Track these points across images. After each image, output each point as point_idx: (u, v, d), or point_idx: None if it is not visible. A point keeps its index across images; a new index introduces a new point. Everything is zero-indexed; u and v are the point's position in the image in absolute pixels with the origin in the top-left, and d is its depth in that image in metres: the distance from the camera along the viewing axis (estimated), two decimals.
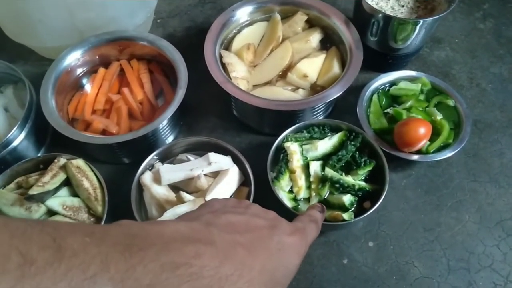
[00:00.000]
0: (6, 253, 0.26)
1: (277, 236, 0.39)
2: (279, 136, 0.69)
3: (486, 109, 0.82)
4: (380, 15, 0.74)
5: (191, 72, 0.73)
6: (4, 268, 0.25)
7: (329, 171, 0.66)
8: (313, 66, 0.75)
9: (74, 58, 0.76)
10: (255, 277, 0.35)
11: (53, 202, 0.62)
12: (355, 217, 0.64)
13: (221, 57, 0.75)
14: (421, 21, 0.73)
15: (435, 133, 0.72)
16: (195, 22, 0.94)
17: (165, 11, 0.96)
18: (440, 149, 0.72)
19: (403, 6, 0.80)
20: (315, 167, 0.67)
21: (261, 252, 0.37)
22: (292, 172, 0.66)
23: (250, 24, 0.81)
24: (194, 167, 0.65)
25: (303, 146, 0.69)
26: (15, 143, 0.68)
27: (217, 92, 0.71)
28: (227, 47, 0.79)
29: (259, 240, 0.37)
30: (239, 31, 0.80)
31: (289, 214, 0.62)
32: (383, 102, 0.77)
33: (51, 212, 0.62)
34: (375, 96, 0.78)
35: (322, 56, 0.76)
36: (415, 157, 0.71)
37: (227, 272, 0.33)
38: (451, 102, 0.76)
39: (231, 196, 0.65)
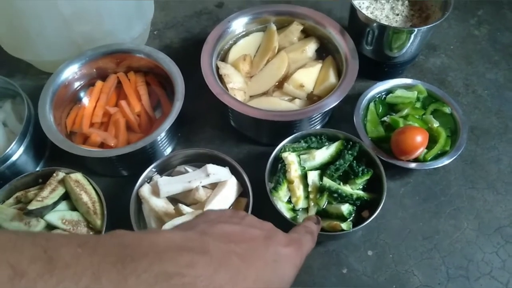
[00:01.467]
0: None
1: (272, 247, 0.39)
2: (277, 146, 0.69)
3: (483, 115, 0.82)
4: (374, 24, 0.75)
5: (188, 83, 0.74)
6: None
7: (327, 181, 0.66)
8: (309, 76, 0.75)
9: (71, 72, 0.76)
10: (250, 287, 0.34)
11: (52, 217, 0.62)
12: (353, 226, 0.64)
13: (217, 68, 0.75)
14: (416, 29, 0.74)
15: (432, 140, 0.73)
16: (191, 33, 0.95)
17: (161, 23, 0.97)
18: (437, 156, 0.72)
19: (397, 14, 0.81)
20: (313, 177, 0.67)
21: (256, 262, 0.36)
22: (290, 182, 0.66)
23: (246, 35, 0.82)
24: (192, 179, 0.65)
25: (301, 156, 0.69)
26: (13, 158, 0.68)
27: (214, 103, 0.72)
28: (224, 58, 0.79)
29: (254, 250, 0.37)
30: (235, 42, 0.81)
31: (287, 225, 0.62)
32: (380, 111, 0.78)
33: (50, 227, 0.62)
34: (371, 104, 0.78)
35: (318, 66, 0.77)
36: (413, 165, 0.71)
37: (221, 281, 0.33)
38: (447, 110, 0.76)
39: (229, 207, 0.66)
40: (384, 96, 0.79)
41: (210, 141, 0.80)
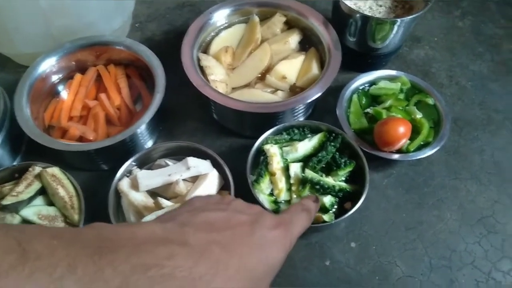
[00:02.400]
0: None
1: (258, 231, 0.38)
2: (259, 138, 0.69)
3: (466, 106, 0.82)
4: (357, 15, 0.74)
5: (170, 76, 0.72)
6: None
7: (309, 173, 0.65)
8: (291, 68, 0.75)
9: (49, 65, 0.74)
10: (232, 276, 0.34)
11: (28, 212, 0.60)
12: (336, 218, 0.63)
13: (199, 60, 0.74)
14: (399, 20, 0.73)
15: (415, 131, 0.72)
16: (173, 26, 0.94)
17: (143, 15, 0.95)
18: (420, 147, 0.72)
19: (381, 6, 0.80)
20: (295, 168, 0.67)
21: (240, 250, 0.36)
22: (272, 174, 0.66)
23: (229, 26, 0.81)
24: (173, 172, 0.64)
25: (283, 148, 0.68)
26: None
27: (196, 96, 0.71)
28: (205, 50, 0.78)
29: (238, 237, 0.37)
30: (217, 34, 0.80)
31: None
32: (363, 102, 0.77)
33: (26, 222, 0.61)
34: (355, 96, 0.77)
35: (301, 58, 0.76)
36: (396, 156, 0.71)
37: (201, 272, 0.32)
38: (430, 101, 0.76)
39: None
40: (367, 87, 0.79)
41: (192, 134, 0.79)
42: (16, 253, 0.27)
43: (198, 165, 0.65)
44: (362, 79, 0.79)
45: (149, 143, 0.75)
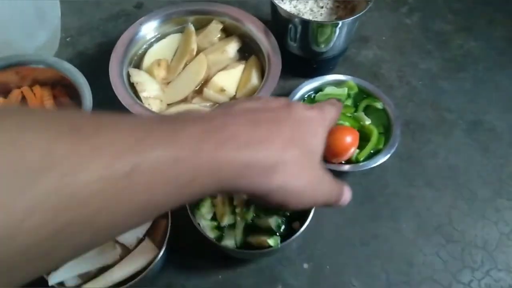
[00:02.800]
0: (57, 122, 0.26)
1: (295, 111, 0.39)
2: None
3: (418, 108, 0.79)
4: (296, 19, 0.70)
5: (104, 92, 0.66)
6: (60, 133, 0.25)
7: None
8: (230, 79, 0.70)
9: None
10: (288, 141, 0.35)
11: None
12: (284, 239, 0.58)
13: (129, 76, 0.68)
14: (340, 22, 0.69)
15: (365, 139, 0.68)
16: (108, 38, 0.87)
17: (74, 28, 0.88)
18: (371, 155, 0.68)
19: (322, 7, 0.76)
20: None
21: (286, 123, 0.37)
22: (213, 197, 0.61)
23: (162, 37, 0.75)
24: None
25: None
26: None
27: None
28: (138, 65, 0.72)
29: (280, 115, 0.37)
30: (150, 46, 0.74)
31: (212, 247, 0.57)
32: None
33: None
34: None
35: (240, 67, 0.71)
36: (346, 167, 0.66)
37: (260, 136, 0.34)
38: (379, 105, 0.72)
39: (147, 230, 0.59)
40: (313, 94, 0.75)
41: None
42: (94, 121, 0.28)
43: None
44: (308, 86, 0.74)
45: None
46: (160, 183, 0.28)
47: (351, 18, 0.68)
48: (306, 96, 0.74)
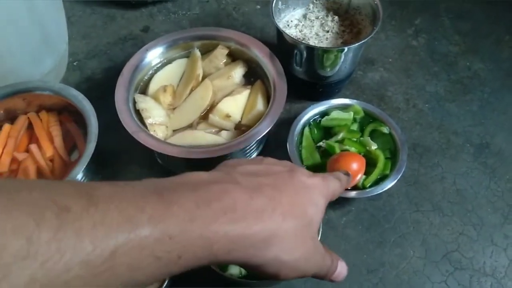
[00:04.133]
0: (42, 204, 0.26)
1: (297, 177, 0.39)
2: None
3: (424, 131, 0.78)
4: (301, 45, 0.70)
5: (111, 118, 0.66)
6: (43, 218, 0.25)
7: None
8: (236, 105, 0.70)
9: None
10: (287, 210, 0.35)
11: None
12: None
13: (135, 103, 0.69)
14: (346, 48, 0.69)
15: (372, 164, 0.68)
16: (115, 62, 0.88)
17: (82, 52, 0.89)
18: (378, 181, 0.68)
19: (328, 31, 0.76)
20: None
21: (287, 190, 0.37)
22: None
23: (169, 62, 0.75)
24: None
25: None
26: None
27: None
28: (144, 91, 0.73)
29: (281, 181, 0.38)
30: (156, 72, 0.74)
31: (216, 276, 0.56)
32: (316, 135, 0.73)
33: None
34: (306, 129, 0.73)
35: (246, 93, 0.71)
36: (353, 193, 0.66)
37: (259, 205, 0.34)
38: (385, 129, 0.72)
39: None
40: (319, 119, 0.75)
41: (136, 180, 0.73)
42: (85, 198, 0.27)
43: None
44: (314, 110, 0.74)
45: None
46: (145, 262, 0.28)
47: (356, 44, 0.68)
48: (312, 120, 0.74)
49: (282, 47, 0.74)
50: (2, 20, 0.64)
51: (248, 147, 0.69)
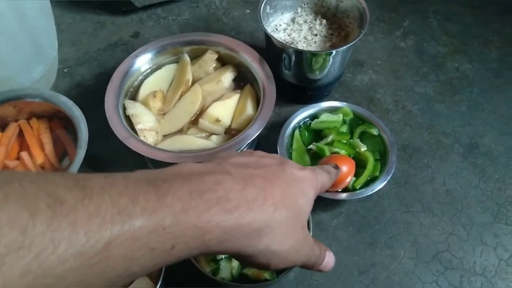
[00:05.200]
0: (35, 195, 0.25)
1: (288, 170, 0.39)
2: None
3: (414, 132, 0.79)
4: (290, 49, 0.70)
5: (102, 123, 0.66)
6: (37, 209, 0.25)
7: None
8: (226, 109, 0.70)
9: None
10: (279, 201, 0.35)
11: None
12: (280, 272, 0.58)
13: (125, 108, 0.69)
14: (334, 51, 0.69)
15: (362, 166, 0.68)
16: (105, 68, 0.88)
17: (72, 59, 0.90)
18: (367, 182, 0.68)
19: (316, 35, 0.76)
20: None
21: (278, 181, 0.37)
22: None
23: (158, 68, 0.75)
24: None
25: None
26: None
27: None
28: (134, 97, 0.73)
29: (272, 172, 0.38)
30: (146, 77, 0.74)
31: (208, 280, 0.56)
32: (306, 138, 0.73)
33: None
34: (296, 132, 0.73)
35: (235, 97, 0.72)
36: (343, 195, 0.66)
37: (251, 195, 0.34)
38: (375, 131, 0.72)
39: None
40: (309, 121, 0.75)
41: None
42: (78, 188, 0.27)
43: None
44: (303, 113, 0.75)
45: None
46: (139, 253, 0.28)
47: (344, 47, 0.69)
48: (302, 123, 0.75)
49: (271, 51, 0.75)
50: None
51: (238, 151, 0.69)
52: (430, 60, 0.89)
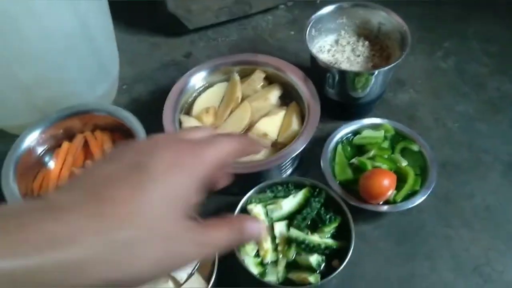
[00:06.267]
0: None
1: (153, 165, 0.31)
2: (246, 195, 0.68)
3: (454, 150, 0.81)
4: (334, 69, 0.75)
5: None
6: None
7: (293, 232, 0.64)
8: (272, 124, 0.75)
9: (35, 137, 0.76)
10: (123, 219, 0.29)
11: None
12: (324, 277, 0.62)
13: (180, 123, 0.75)
14: (376, 71, 0.74)
15: (402, 180, 0.71)
16: (159, 86, 0.95)
17: (130, 77, 0.97)
18: (408, 196, 0.71)
19: (358, 56, 0.81)
20: (280, 228, 0.66)
21: (132, 187, 0.30)
22: None
23: (210, 86, 0.82)
24: None
25: (268, 207, 0.68)
26: None
27: None
28: (188, 112, 0.79)
29: (126, 179, 0.31)
30: (199, 94, 0.81)
31: (256, 282, 0.61)
32: (348, 152, 0.77)
33: None
34: (339, 146, 0.77)
35: (281, 113, 0.77)
36: (384, 208, 0.70)
37: (69, 229, 0.28)
38: (415, 147, 0.75)
39: (194, 268, 0.64)
40: (351, 137, 0.79)
41: None
42: None
43: None
44: (346, 129, 0.78)
45: None
46: None
47: (387, 68, 0.73)
48: (344, 138, 0.78)
49: (316, 70, 0.80)
50: (63, 50, 0.72)
51: (283, 164, 0.74)
52: (471, 80, 0.92)
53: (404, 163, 0.73)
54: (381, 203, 0.70)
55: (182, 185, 0.31)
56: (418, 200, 0.69)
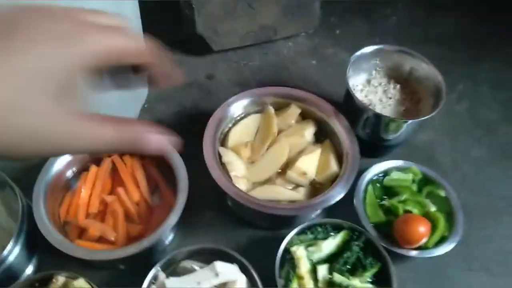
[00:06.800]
0: None
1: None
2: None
3: (471, 194, 0.85)
4: (370, 112, 0.77)
5: (187, 162, 0.73)
6: None
7: (337, 277, 0.66)
8: (311, 163, 0.76)
9: (64, 160, 0.73)
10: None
11: None
12: None
13: (220, 156, 0.75)
14: (410, 121, 0.77)
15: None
16: (183, 107, 0.94)
17: (152, 96, 0.95)
18: (437, 242, 0.74)
19: (390, 98, 0.83)
20: (323, 271, 0.67)
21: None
22: (300, 278, 0.66)
23: (244, 117, 0.82)
24: (201, 279, 0.64)
25: (308, 248, 0.69)
26: (10, 259, 0.64)
27: (211, 186, 0.71)
28: (223, 142, 0.79)
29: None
30: (234, 125, 0.81)
31: None
32: (378, 192, 0.79)
33: None
34: (370, 187, 0.79)
35: (317, 151, 0.78)
36: (415, 253, 0.72)
37: None
38: (442, 193, 0.79)
39: None
40: (381, 178, 0.81)
41: (210, 224, 0.79)
42: None
43: (226, 270, 0.65)
44: (375, 169, 0.81)
45: (169, 238, 0.74)
46: None
47: (419, 119, 0.76)
48: (374, 177, 0.80)
49: (350, 109, 0.81)
50: None
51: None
52: (483, 125, 0.96)
53: (432, 208, 0.76)
54: (413, 248, 0.73)
55: (56, 62, 0.28)
56: (449, 247, 0.73)
